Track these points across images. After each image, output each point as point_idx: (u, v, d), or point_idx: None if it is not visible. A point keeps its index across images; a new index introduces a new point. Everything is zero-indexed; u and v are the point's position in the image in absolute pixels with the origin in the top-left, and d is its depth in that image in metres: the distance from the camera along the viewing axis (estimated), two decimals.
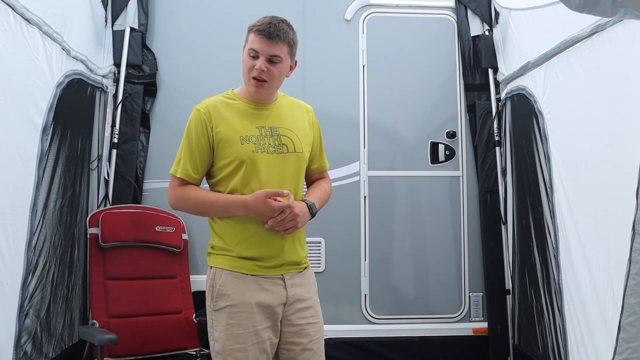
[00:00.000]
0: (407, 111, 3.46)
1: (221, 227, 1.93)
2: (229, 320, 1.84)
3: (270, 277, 1.90)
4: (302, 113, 2.07)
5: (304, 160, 1.99)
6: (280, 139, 1.94)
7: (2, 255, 2.03)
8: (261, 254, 1.89)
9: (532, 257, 2.92)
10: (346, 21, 3.48)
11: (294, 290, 1.91)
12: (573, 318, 2.44)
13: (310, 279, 2.02)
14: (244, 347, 1.81)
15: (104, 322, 2.66)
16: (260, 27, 1.87)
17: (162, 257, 2.95)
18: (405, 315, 3.35)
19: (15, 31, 2.10)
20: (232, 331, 1.83)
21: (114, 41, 3.25)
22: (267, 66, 1.87)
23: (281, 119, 1.98)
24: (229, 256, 1.90)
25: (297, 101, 2.10)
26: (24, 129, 2.21)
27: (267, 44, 1.86)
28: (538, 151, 2.82)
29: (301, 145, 1.97)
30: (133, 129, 3.24)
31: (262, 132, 1.92)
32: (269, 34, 1.85)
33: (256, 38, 1.87)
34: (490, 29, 3.48)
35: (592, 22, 2.24)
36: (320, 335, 1.96)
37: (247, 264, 1.88)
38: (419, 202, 3.43)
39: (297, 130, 1.99)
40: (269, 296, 1.87)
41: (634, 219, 1.88)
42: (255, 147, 1.89)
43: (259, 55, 1.87)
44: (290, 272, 1.93)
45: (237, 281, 1.87)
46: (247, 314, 1.83)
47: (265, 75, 1.87)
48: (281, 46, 1.88)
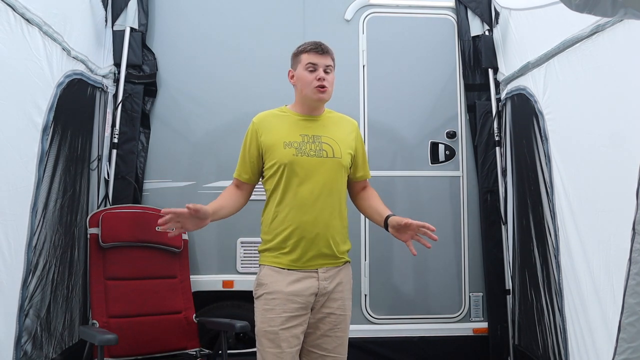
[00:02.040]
0: (407, 111, 3.46)
1: (265, 219, 2.22)
2: (264, 306, 2.12)
3: (305, 270, 2.15)
4: (349, 126, 2.35)
5: (343, 166, 2.23)
6: (321, 145, 2.21)
7: (3, 255, 2.03)
8: (294, 246, 2.14)
9: (533, 257, 2.92)
10: (346, 21, 3.48)
11: (326, 283, 2.16)
12: (573, 318, 2.44)
13: (346, 275, 2.27)
14: (275, 329, 2.07)
15: (104, 322, 2.66)
16: (312, 46, 2.22)
17: (162, 257, 2.95)
18: (405, 316, 3.35)
19: (16, 31, 2.10)
20: (266, 315, 2.10)
21: (114, 41, 3.25)
22: (324, 76, 2.20)
23: (325, 129, 2.25)
24: (270, 253, 2.18)
25: (343, 116, 2.39)
26: (24, 129, 2.22)
27: (321, 58, 2.21)
28: (538, 151, 2.82)
29: (340, 152, 2.23)
30: (133, 129, 3.24)
31: (305, 139, 2.20)
32: (322, 50, 2.21)
33: (311, 55, 2.21)
34: (490, 29, 3.48)
35: (592, 22, 2.24)
36: (344, 326, 2.21)
37: (284, 259, 2.15)
38: (419, 202, 3.43)
39: (338, 139, 2.25)
40: (301, 286, 2.12)
41: (634, 219, 1.88)
42: (296, 151, 2.17)
43: (317, 67, 2.20)
44: (326, 266, 2.18)
45: (274, 273, 2.15)
46: (280, 301, 2.09)
47: (326, 82, 2.20)
48: (330, 59, 2.23)
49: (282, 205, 2.16)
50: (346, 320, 2.23)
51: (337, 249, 2.20)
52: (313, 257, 2.15)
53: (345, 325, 2.23)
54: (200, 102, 3.34)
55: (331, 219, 2.19)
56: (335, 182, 2.21)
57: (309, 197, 2.14)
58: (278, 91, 2.90)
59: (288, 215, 2.15)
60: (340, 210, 2.24)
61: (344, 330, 2.22)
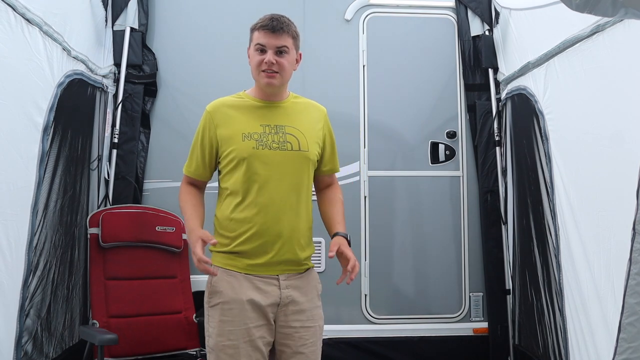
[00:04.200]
0: (407, 111, 3.46)
1: (221, 221, 1.97)
2: (221, 317, 1.87)
3: (264, 276, 1.91)
4: (316, 114, 2.09)
5: (310, 160, 2.00)
6: (285, 137, 1.96)
7: (3, 255, 2.03)
8: (254, 250, 1.90)
9: (533, 257, 2.92)
10: (346, 21, 3.48)
11: (288, 291, 1.92)
12: (574, 318, 2.44)
13: (311, 281, 2.01)
14: (235, 343, 1.84)
15: (104, 322, 2.66)
16: (264, 23, 1.94)
17: (162, 257, 2.95)
18: (405, 315, 3.35)
19: (16, 31, 2.10)
20: (224, 327, 1.86)
21: (114, 41, 3.25)
22: (276, 58, 1.92)
23: (289, 118, 2.00)
24: (224, 253, 1.93)
25: (311, 102, 2.12)
26: (25, 129, 2.21)
27: (273, 37, 1.92)
28: (539, 151, 2.82)
29: (307, 144, 1.98)
30: (133, 129, 3.24)
31: (267, 130, 1.95)
32: (273, 28, 1.92)
33: (261, 34, 1.93)
34: (490, 28, 3.48)
35: (593, 22, 2.24)
36: (315, 339, 1.95)
37: (240, 262, 1.91)
38: (419, 202, 3.43)
39: (305, 129, 2.00)
40: (260, 296, 1.88)
41: (635, 219, 1.88)
42: (256, 143, 1.92)
43: (266, 49, 1.92)
44: (287, 272, 1.94)
45: (230, 278, 1.90)
46: (239, 311, 1.86)
47: (275, 67, 1.92)
48: (286, 38, 1.94)
49: (242, 205, 1.91)
50: (317, 332, 1.97)
51: (301, 254, 1.96)
52: (275, 262, 1.91)
53: (317, 339, 1.97)
54: (200, 102, 3.31)
55: (297, 221, 1.94)
56: (301, 179, 1.97)
57: (272, 196, 1.90)
58: None
59: (248, 216, 1.89)
60: (307, 211, 2.00)
61: (315, 343, 1.96)
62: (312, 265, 2.04)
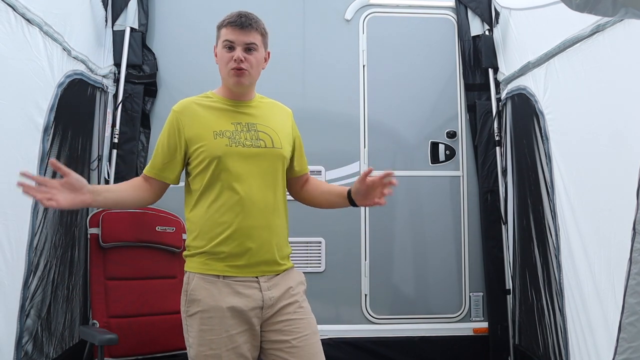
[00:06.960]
0: (407, 111, 3.47)
1: (195, 223, 1.90)
2: (201, 326, 1.80)
3: (244, 278, 1.84)
4: (283, 114, 2.07)
5: (284, 157, 1.96)
6: (258, 134, 1.91)
7: (4, 255, 2.03)
8: (232, 250, 1.83)
9: (533, 257, 2.92)
10: (346, 21, 3.48)
11: (270, 292, 1.85)
12: (574, 318, 2.44)
13: (297, 277, 1.96)
14: (217, 352, 1.78)
15: (104, 322, 2.66)
16: (232, 19, 1.90)
17: (162, 257, 2.95)
18: (405, 315, 3.35)
19: (16, 31, 2.10)
20: (205, 337, 1.79)
21: (114, 41, 3.25)
22: (245, 55, 1.88)
23: (259, 117, 1.96)
24: (200, 254, 1.86)
25: (277, 103, 2.10)
26: (25, 129, 2.21)
27: (241, 33, 1.88)
28: (539, 151, 2.82)
29: (280, 142, 1.95)
30: (133, 129, 3.24)
31: (239, 128, 1.90)
32: (242, 24, 1.89)
33: (229, 30, 1.90)
34: (490, 28, 3.48)
35: (593, 22, 2.24)
36: (310, 331, 1.87)
37: (218, 265, 1.84)
38: (419, 202, 3.43)
39: (276, 127, 1.97)
40: (241, 300, 1.81)
41: (635, 219, 1.88)
42: (229, 141, 1.87)
43: (234, 46, 1.89)
44: (267, 274, 1.87)
45: (208, 285, 1.82)
46: (219, 319, 1.79)
47: (244, 64, 1.88)
48: (255, 34, 1.91)
49: (216, 205, 1.84)
50: (311, 324, 1.89)
51: (279, 253, 1.90)
52: (254, 263, 1.85)
53: (312, 331, 1.87)
54: None
55: (274, 218, 1.90)
56: (277, 177, 1.93)
57: (249, 194, 1.84)
58: (278, 91, 2.90)
59: (224, 216, 1.83)
60: (284, 208, 1.96)
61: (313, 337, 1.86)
62: (292, 265, 1.98)
